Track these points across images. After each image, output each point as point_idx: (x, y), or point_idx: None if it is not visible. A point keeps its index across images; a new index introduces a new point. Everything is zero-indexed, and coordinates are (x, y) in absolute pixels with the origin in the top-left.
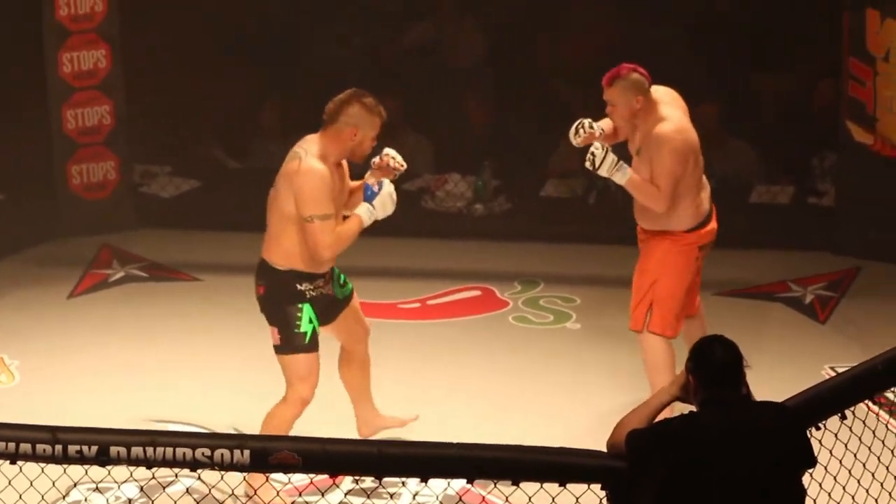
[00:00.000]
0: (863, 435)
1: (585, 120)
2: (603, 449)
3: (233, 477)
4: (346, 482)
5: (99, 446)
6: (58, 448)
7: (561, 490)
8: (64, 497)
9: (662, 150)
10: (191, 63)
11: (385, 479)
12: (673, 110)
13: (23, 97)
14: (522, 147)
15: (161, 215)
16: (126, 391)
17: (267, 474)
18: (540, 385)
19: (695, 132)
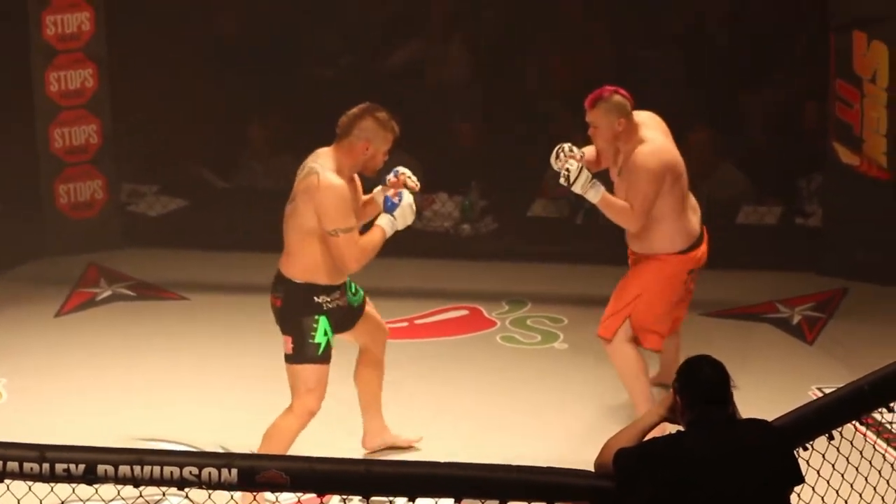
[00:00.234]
0: (850, 455)
1: (566, 144)
2: (591, 468)
3: (221, 496)
4: (334, 501)
5: (86, 465)
6: (45, 466)
7: None
8: None
9: (638, 171)
10: (178, 82)
11: (372, 498)
12: (654, 133)
13: (10, 116)
14: (510, 167)
15: (148, 234)
16: (114, 409)
17: (255, 493)
18: (527, 404)
19: (676, 154)
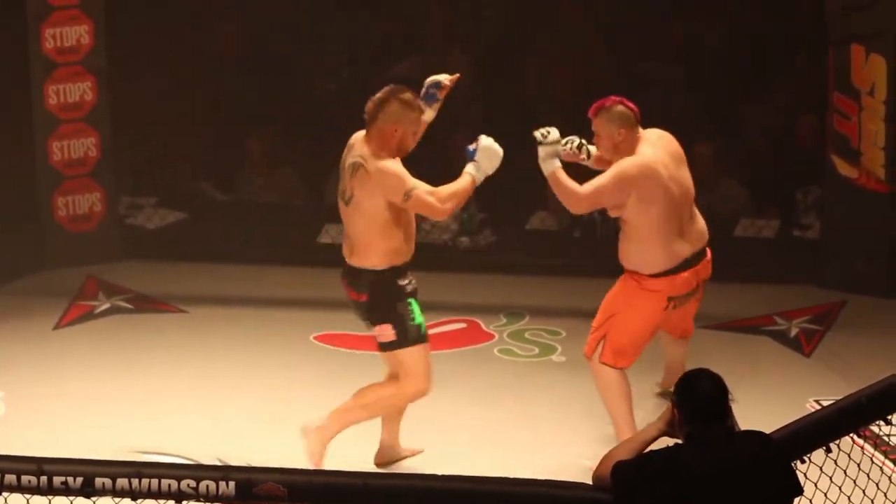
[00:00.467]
0: (848, 468)
1: (578, 139)
2: (589, 481)
3: None
4: None
5: (84, 477)
6: (43, 479)
7: None
8: None
9: (612, 169)
10: (177, 95)
11: None
12: (653, 150)
13: (9, 129)
14: (509, 180)
15: (147, 247)
16: (112, 422)
17: None
18: (525, 417)
19: (663, 175)
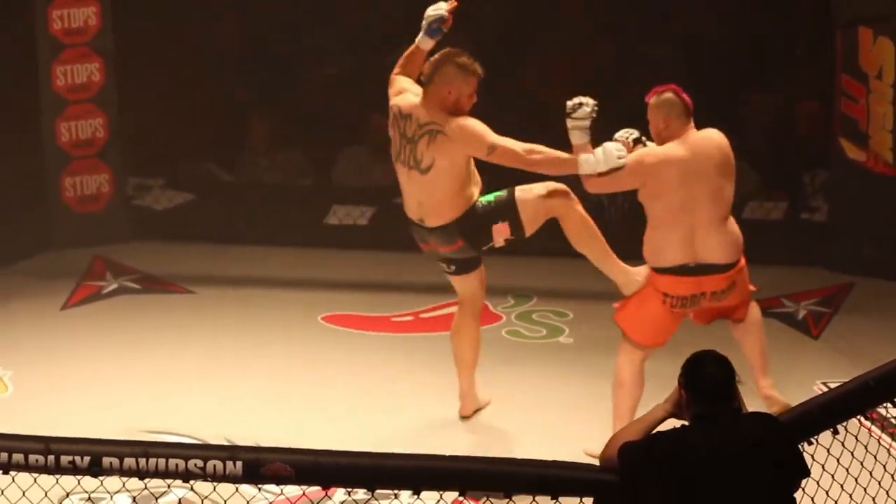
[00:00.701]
0: (855, 450)
1: (637, 133)
2: (595, 462)
3: (225, 488)
4: (339, 494)
5: (91, 457)
6: (50, 458)
7: (553, 503)
8: None
9: (631, 155)
10: (184, 76)
11: (377, 491)
12: (683, 147)
13: (17, 110)
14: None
15: (154, 228)
16: (119, 402)
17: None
18: (532, 398)
19: (675, 177)
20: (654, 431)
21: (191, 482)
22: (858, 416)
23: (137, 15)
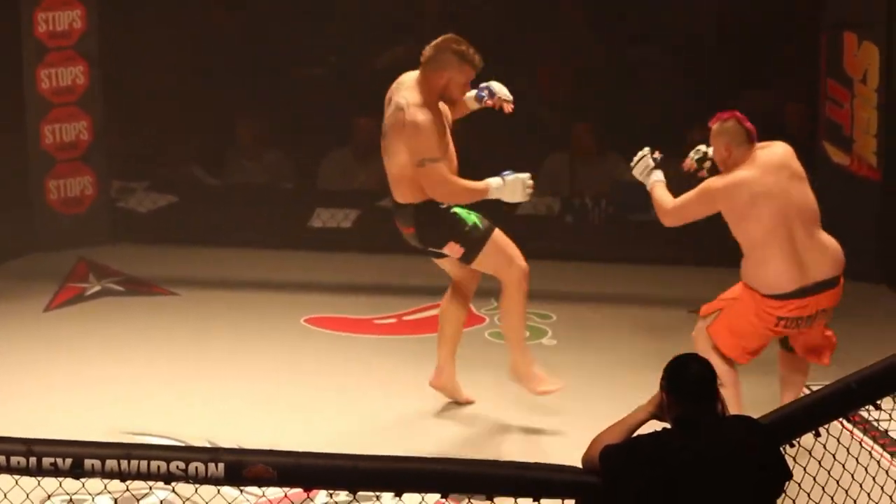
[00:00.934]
0: (837, 452)
1: (703, 150)
2: (577, 464)
3: (207, 490)
4: (321, 496)
5: (73, 459)
6: (32, 460)
7: None
8: None
9: (700, 184)
10: (168, 79)
11: (359, 493)
12: (750, 168)
13: (1, 113)
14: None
15: (138, 230)
16: (101, 404)
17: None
18: (514, 400)
19: (755, 194)
20: (636, 434)
21: (173, 484)
22: (840, 419)
23: (122, 18)
